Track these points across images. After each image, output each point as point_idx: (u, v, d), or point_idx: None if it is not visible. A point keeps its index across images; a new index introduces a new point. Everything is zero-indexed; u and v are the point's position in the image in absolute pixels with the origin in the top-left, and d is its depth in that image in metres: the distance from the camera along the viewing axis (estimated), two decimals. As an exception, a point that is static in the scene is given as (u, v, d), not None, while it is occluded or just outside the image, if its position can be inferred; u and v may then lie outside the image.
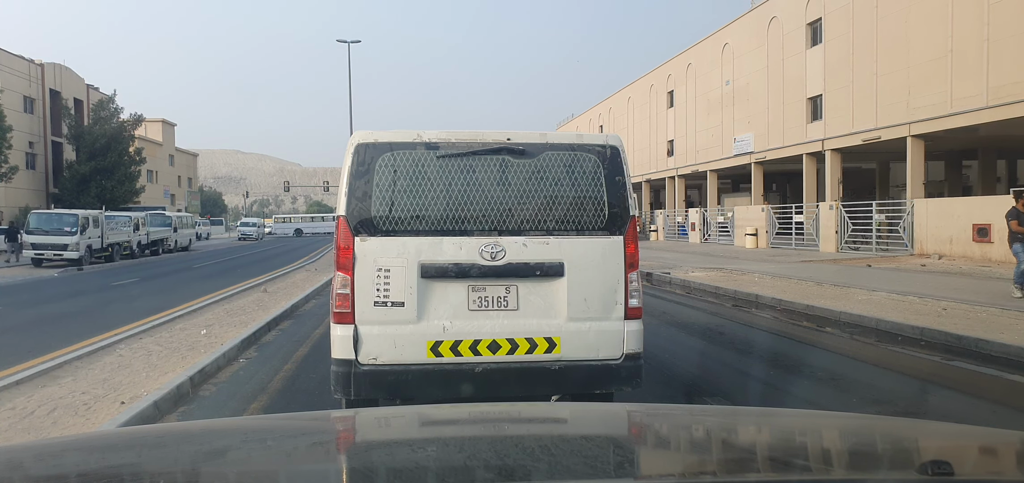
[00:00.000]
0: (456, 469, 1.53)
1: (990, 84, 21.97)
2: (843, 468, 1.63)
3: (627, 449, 1.87)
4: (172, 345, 8.72)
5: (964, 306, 10.83)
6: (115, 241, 30.87)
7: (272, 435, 1.91)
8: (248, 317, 11.08)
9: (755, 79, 35.78)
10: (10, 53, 44.68)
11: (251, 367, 7.81)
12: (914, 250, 23.20)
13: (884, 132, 26.71)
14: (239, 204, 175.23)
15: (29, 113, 46.44)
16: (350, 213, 4.37)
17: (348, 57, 36.15)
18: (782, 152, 33.66)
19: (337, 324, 4.39)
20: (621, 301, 4.54)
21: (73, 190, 44.06)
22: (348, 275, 4.35)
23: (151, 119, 64.55)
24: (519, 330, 4.42)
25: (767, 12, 34.71)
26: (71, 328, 10.56)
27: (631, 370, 4.55)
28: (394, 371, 4.38)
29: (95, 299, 15.44)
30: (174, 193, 72.87)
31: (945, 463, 1.29)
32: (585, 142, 4.63)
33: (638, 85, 51.80)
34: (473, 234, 4.41)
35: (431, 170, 4.41)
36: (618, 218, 4.56)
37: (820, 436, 1.93)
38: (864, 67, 27.84)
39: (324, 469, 1.64)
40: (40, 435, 5.22)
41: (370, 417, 2.43)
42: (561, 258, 4.46)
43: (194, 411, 6.10)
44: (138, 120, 49.46)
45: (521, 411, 2.51)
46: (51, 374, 7.21)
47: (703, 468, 1.64)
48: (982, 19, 22.17)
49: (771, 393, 6.49)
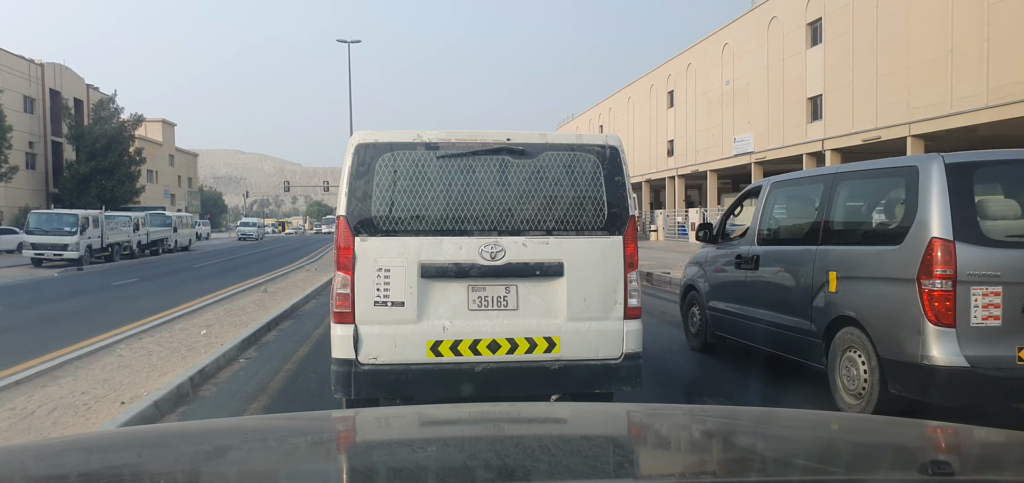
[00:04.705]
0: (456, 469, 1.53)
1: (990, 84, 21.98)
2: (843, 468, 1.63)
3: (627, 449, 1.87)
4: (172, 345, 8.72)
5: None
6: (115, 241, 30.85)
7: (272, 435, 1.91)
8: (248, 317, 11.08)
9: (755, 79, 35.79)
10: (10, 53, 44.70)
11: (251, 367, 7.80)
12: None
13: (884, 132, 26.72)
14: (239, 204, 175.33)
15: (29, 113, 46.48)
16: (350, 213, 4.37)
17: (348, 57, 36.18)
18: (782, 152, 33.68)
19: (337, 324, 4.39)
20: (621, 301, 4.55)
21: (73, 190, 44.06)
22: (348, 275, 4.35)
23: (151, 119, 64.56)
24: (519, 330, 4.42)
25: (767, 12, 34.72)
26: (71, 328, 10.56)
27: (631, 370, 4.56)
28: (394, 371, 4.38)
29: (95, 299, 15.44)
30: (174, 193, 72.89)
31: (945, 463, 1.29)
32: (585, 142, 4.63)
33: (638, 85, 51.81)
34: (473, 234, 4.41)
35: (431, 170, 4.42)
36: (618, 218, 4.57)
37: (820, 436, 1.93)
38: (864, 67, 27.85)
39: (324, 469, 1.64)
40: (40, 435, 5.22)
41: (370, 417, 2.43)
42: (561, 258, 4.47)
43: (194, 411, 6.10)
44: (138, 120, 49.46)
45: (521, 411, 2.51)
46: (51, 374, 7.21)
47: (703, 468, 1.64)
48: (982, 19, 22.18)
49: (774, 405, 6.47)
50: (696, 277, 8.37)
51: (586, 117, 63.24)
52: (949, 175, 4.93)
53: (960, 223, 4.83)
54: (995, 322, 4.74)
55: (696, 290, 8.30)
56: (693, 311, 8.42)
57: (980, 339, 4.75)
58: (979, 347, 4.74)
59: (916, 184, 5.12)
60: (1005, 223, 5.10)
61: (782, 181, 7.26)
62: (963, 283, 4.77)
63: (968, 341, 4.74)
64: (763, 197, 7.20)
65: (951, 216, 4.83)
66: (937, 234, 4.85)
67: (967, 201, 4.89)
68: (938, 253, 4.82)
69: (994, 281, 4.74)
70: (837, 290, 5.71)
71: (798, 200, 7.01)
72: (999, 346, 4.74)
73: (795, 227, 6.86)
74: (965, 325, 4.76)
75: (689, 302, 8.56)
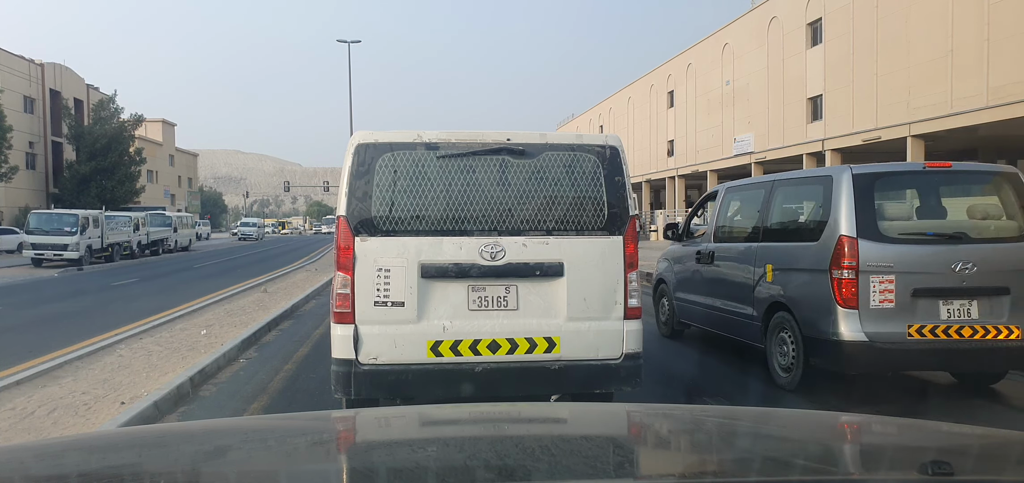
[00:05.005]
0: (456, 469, 1.53)
1: (990, 84, 21.98)
2: (843, 468, 1.63)
3: (627, 449, 1.87)
4: (172, 345, 8.72)
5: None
6: (115, 241, 30.84)
7: (272, 435, 1.91)
8: (248, 317, 11.08)
9: (755, 79, 35.79)
10: (10, 53, 44.70)
11: (251, 367, 7.80)
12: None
13: (884, 132, 26.72)
14: (239, 204, 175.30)
15: (29, 113, 46.47)
16: (350, 213, 4.37)
17: (348, 57, 36.17)
18: (782, 152, 33.67)
19: (337, 324, 4.39)
20: (620, 301, 4.55)
21: (73, 190, 44.06)
22: (348, 275, 4.35)
23: (151, 119, 64.55)
24: (519, 330, 4.42)
25: (767, 12, 34.72)
26: (71, 328, 10.56)
27: (631, 370, 4.56)
28: (394, 371, 4.38)
29: (95, 299, 15.44)
30: (174, 193, 72.88)
31: (945, 463, 1.29)
32: (585, 142, 4.63)
33: (638, 85, 51.80)
34: (473, 234, 4.41)
35: (431, 170, 4.42)
36: (618, 218, 4.57)
37: (820, 436, 1.93)
38: (864, 67, 27.85)
39: (324, 469, 1.64)
40: (40, 435, 5.22)
41: (370, 417, 2.43)
42: (561, 258, 4.47)
43: (194, 411, 6.09)
44: (138, 120, 49.45)
45: (521, 411, 2.51)
46: (51, 374, 7.21)
47: (703, 468, 1.64)
48: (982, 19, 22.18)
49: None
50: (665, 271, 9.40)
51: (586, 117, 63.24)
52: (855, 183, 5.84)
53: (863, 223, 5.75)
54: (889, 305, 5.65)
55: (665, 283, 9.33)
56: (663, 301, 9.44)
57: (878, 319, 5.64)
58: (877, 325, 5.63)
59: (830, 191, 6.02)
60: (898, 223, 6.16)
61: (734, 186, 8.27)
62: (864, 273, 5.65)
63: (868, 320, 5.64)
64: (719, 201, 8.18)
65: (855, 218, 5.75)
66: (844, 232, 5.77)
67: (869, 205, 5.83)
68: (845, 248, 5.72)
69: (889, 271, 5.65)
70: (772, 280, 6.66)
71: (745, 203, 7.83)
72: (892, 324, 5.64)
73: (742, 227, 7.71)
74: (866, 307, 5.64)
75: (660, 294, 9.59)
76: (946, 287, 5.64)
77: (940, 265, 5.66)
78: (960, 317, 5.65)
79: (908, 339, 5.61)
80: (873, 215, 5.80)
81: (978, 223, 6.12)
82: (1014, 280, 5.70)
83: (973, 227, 6.04)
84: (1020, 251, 5.84)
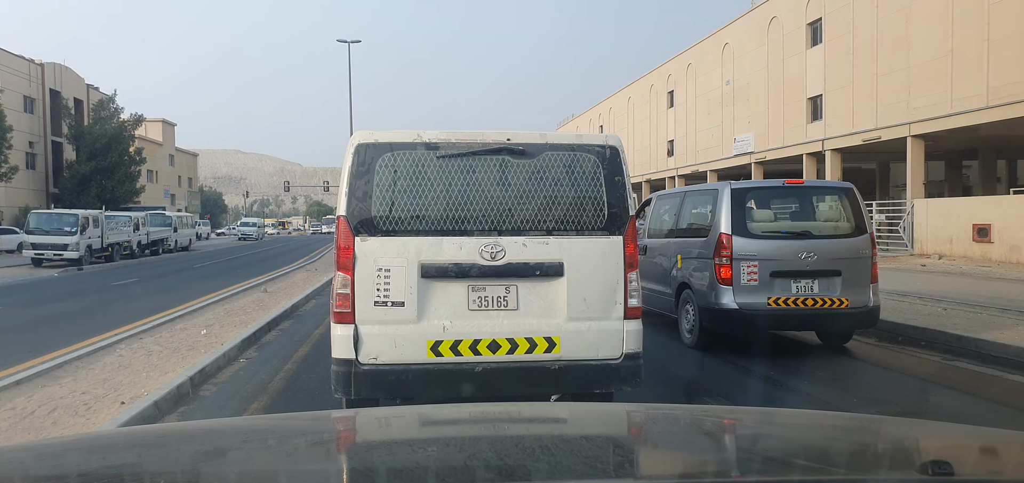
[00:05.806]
0: (456, 469, 1.53)
1: (990, 84, 21.97)
2: (843, 468, 1.63)
3: (627, 449, 1.87)
4: (172, 345, 8.72)
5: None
6: (115, 241, 30.85)
7: (272, 435, 1.91)
8: (248, 317, 11.08)
9: (755, 79, 35.78)
10: (10, 53, 44.69)
11: (251, 367, 7.81)
12: (914, 250, 23.20)
13: (884, 132, 26.71)
14: (239, 204, 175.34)
15: (29, 113, 46.45)
16: (350, 213, 4.37)
17: (348, 57, 36.18)
18: (782, 152, 33.67)
19: (337, 324, 4.39)
20: (621, 301, 4.55)
21: (73, 190, 44.06)
22: (348, 275, 4.35)
23: (151, 119, 64.53)
24: (519, 330, 4.42)
25: (767, 12, 34.71)
26: (71, 328, 10.56)
27: (631, 370, 4.56)
28: (394, 371, 4.38)
29: (95, 299, 15.44)
30: (174, 193, 72.86)
31: (945, 463, 1.29)
32: (585, 142, 4.63)
33: (638, 85, 51.80)
34: (473, 234, 4.41)
35: (431, 170, 4.42)
36: (617, 218, 4.57)
37: (820, 436, 1.93)
38: (864, 67, 27.84)
39: (324, 469, 1.64)
40: (40, 435, 5.22)
41: (370, 417, 2.43)
42: (561, 258, 4.47)
43: (194, 411, 6.09)
44: (138, 120, 49.45)
45: (521, 411, 2.51)
46: (51, 374, 7.21)
47: (703, 468, 1.64)
48: (982, 19, 22.18)
49: (769, 403, 6.50)
50: None
51: (586, 117, 63.23)
52: (733, 195, 7.97)
53: (736, 224, 7.85)
54: (755, 283, 7.73)
55: None
56: None
57: (746, 292, 7.73)
58: (745, 297, 7.72)
59: (717, 200, 8.14)
60: (762, 224, 8.16)
61: (661, 195, 10.40)
62: (737, 260, 7.74)
63: (739, 294, 7.73)
64: (652, 206, 10.36)
65: (731, 220, 7.85)
66: (723, 230, 7.87)
67: (741, 211, 7.93)
68: (724, 241, 7.82)
69: (754, 259, 7.75)
70: (681, 266, 8.75)
71: (668, 208, 9.83)
72: (757, 297, 7.71)
73: (664, 226, 9.78)
74: (738, 285, 7.72)
75: None
76: (795, 270, 7.71)
77: (791, 254, 7.73)
78: (805, 292, 7.73)
79: (768, 307, 7.67)
80: (744, 218, 7.90)
81: (820, 224, 8.26)
82: (845, 265, 7.79)
83: (815, 227, 8.18)
84: (848, 244, 7.95)
